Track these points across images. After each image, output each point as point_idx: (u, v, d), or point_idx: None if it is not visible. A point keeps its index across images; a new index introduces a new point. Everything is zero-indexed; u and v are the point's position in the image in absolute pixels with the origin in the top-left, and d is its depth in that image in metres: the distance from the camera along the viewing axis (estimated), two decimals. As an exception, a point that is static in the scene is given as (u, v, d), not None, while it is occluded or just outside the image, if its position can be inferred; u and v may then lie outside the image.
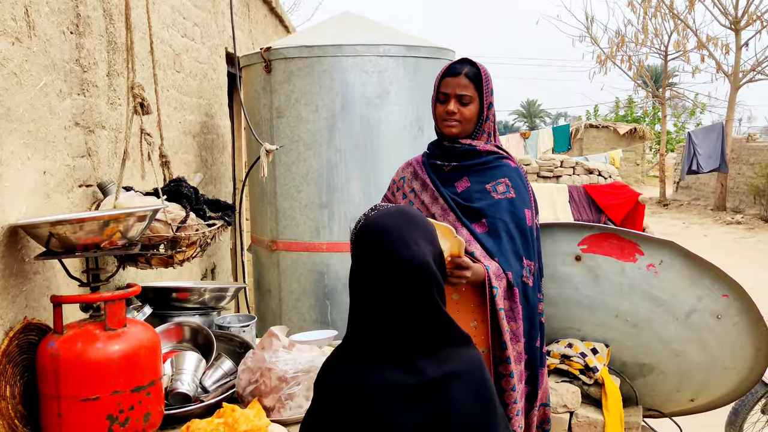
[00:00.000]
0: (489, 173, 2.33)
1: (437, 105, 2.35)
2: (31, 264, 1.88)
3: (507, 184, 2.31)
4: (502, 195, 2.29)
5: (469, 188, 2.33)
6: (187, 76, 3.55)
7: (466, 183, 2.34)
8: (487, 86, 2.33)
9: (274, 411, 2.03)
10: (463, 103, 2.30)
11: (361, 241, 1.39)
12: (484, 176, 2.33)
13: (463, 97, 2.30)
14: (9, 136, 1.78)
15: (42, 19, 1.99)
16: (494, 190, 2.30)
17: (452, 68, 2.32)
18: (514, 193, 2.29)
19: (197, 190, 2.43)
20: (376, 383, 1.31)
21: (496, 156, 2.36)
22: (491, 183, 2.31)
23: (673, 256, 2.73)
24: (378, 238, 1.36)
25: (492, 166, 2.34)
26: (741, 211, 16.20)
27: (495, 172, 2.33)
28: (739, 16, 16.54)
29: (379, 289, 1.36)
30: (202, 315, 2.57)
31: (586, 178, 9.46)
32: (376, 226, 1.38)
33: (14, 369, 1.75)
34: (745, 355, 2.87)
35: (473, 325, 2.26)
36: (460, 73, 2.30)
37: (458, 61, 2.35)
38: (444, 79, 2.33)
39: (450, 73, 2.32)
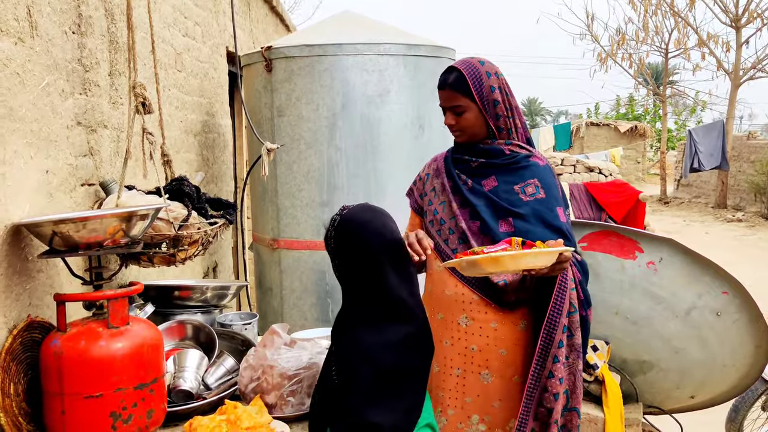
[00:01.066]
0: (518, 173, 2.24)
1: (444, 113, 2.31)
2: (35, 262, 1.90)
3: (537, 185, 2.22)
4: (531, 197, 2.20)
5: (496, 188, 2.24)
6: (189, 75, 3.56)
7: (493, 182, 2.25)
8: (478, 87, 2.23)
9: (276, 408, 2.04)
10: (457, 113, 2.24)
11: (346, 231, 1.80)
12: (513, 176, 2.24)
13: (455, 108, 2.24)
14: (12, 136, 1.79)
15: (44, 19, 2.00)
16: (523, 191, 2.21)
17: (440, 80, 2.27)
18: (544, 192, 2.21)
19: (199, 188, 2.44)
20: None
21: (524, 155, 2.27)
22: (520, 184, 2.22)
23: (673, 254, 2.74)
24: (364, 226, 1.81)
25: (521, 165, 2.25)
26: (742, 209, 16.21)
27: (524, 172, 2.24)
28: (739, 13, 16.54)
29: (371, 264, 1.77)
30: (204, 313, 2.58)
31: (587, 176, 9.47)
32: (355, 218, 1.83)
33: (18, 367, 1.76)
34: (745, 352, 2.87)
35: (493, 326, 2.24)
36: (444, 86, 2.25)
37: (445, 71, 2.27)
38: (439, 92, 2.28)
39: (439, 86, 2.27)
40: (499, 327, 2.23)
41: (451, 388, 2.30)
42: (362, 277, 1.75)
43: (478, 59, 2.29)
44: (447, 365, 2.31)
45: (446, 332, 2.31)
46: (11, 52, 1.80)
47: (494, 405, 2.25)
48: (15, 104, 1.81)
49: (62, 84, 2.11)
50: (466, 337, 2.26)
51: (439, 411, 2.32)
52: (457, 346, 2.28)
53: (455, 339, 2.29)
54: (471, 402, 2.26)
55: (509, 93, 2.29)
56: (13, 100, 1.80)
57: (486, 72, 2.25)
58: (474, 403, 2.26)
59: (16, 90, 1.82)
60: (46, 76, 2.00)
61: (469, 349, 2.25)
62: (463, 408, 2.27)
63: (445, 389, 2.30)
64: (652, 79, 21.07)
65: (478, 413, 2.26)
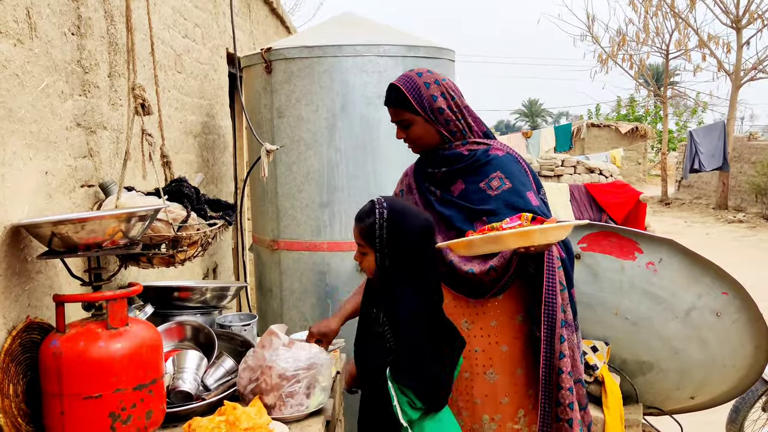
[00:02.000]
0: (481, 171, 2.30)
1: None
2: (34, 263, 1.90)
3: (500, 177, 2.27)
4: (498, 190, 2.26)
5: (464, 190, 2.30)
6: (188, 76, 3.57)
7: (461, 186, 2.32)
8: (419, 100, 2.29)
9: (275, 409, 2.04)
10: (404, 127, 2.34)
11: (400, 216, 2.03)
12: (477, 175, 2.30)
13: (401, 122, 2.34)
14: (11, 137, 1.79)
15: (43, 21, 2.00)
16: (489, 187, 2.27)
17: (385, 98, 2.38)
18: (509, 182, 2.26)
19: (198, 190, 2.44)
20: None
21: (483, 151, 2.32)
22: (485, 180, 2.28)
23: (672, 254, 2.74)
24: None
25: (482, 162, 2.30)
26: (743, 210, 16.20)
27: (486, 168, 2.29)
28: (740, 14, 16.54)
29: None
30: (204, 314, 2.58)
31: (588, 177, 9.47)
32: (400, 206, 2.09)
33: (17, 367, 1.76)
34: (744, 352, 2.88)
35: (493, 324, 2.27)
36: (389, 103, 2.36)
37: (387, 89, 2.37)
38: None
39: (384, 103, 2.39)
40: (499, 324, 2.25)
41: (461, 392, 2.32)
42: (414, 257, 1.99)
43: (416, 71, 2.37)
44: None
45: None
46: (10, 54, 1.80)
47: (502, 401, 2.28)
48: (14, 105, 1.81)
49: (62, 85, 2.11)
50: (469, 340, 2.28)
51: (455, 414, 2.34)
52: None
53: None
54: (480, 403, 2.29)
55: (455, 95, 2.35)
56: (12, 101, 1.80)
57: (425, 83, 2.31)
58: (483, 403, 2.29)
59: (16, 91, 1.82)
60: (46, 77, 2.00)
61: (473, 352, 2.27)
62: (474, 410, 2.29)
63: (455, 393, 2.32)
64: (652, 80, 21.07)
65: (488, 413, 2.29)
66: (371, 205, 2.03)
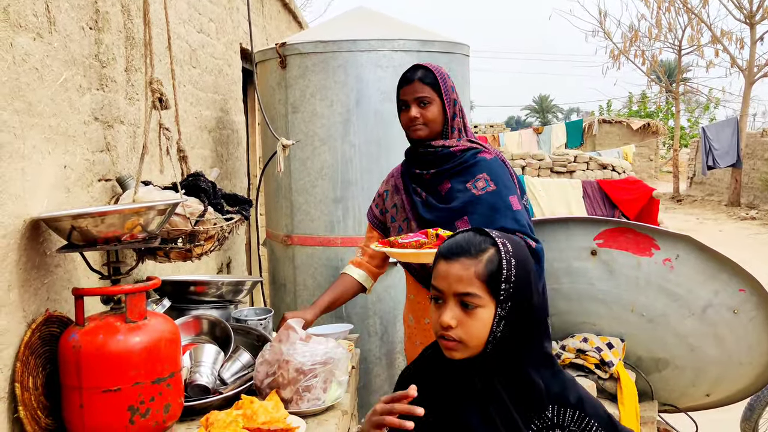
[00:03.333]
0: (468, 171, 2.39)
1: (401, 114, 2.45)
2: (53, 257, 1.91)
3: (486, 179, 2.36)
4: (483, 191, 2.34)
5: (450, 189, 2.39)
6: (203, 71, 3.57)
7: (447, 185, 2.40)
8: (444, 84, 2.40)
9: (292, 403, 2.04)
10: (423, 104, 2.39)
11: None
12: (464, 176, 2.38)
13: (423, 99, 2.39)
14: (31, 131, 1.80)
15: (62, 15, 2.01)
16: (474, 187, 2.36)
17: (405, 76, 2.43)
18: (494, 184, 2.34)
19: (215, 184, 2.44)
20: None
21: (472, 152, 2.41)
22: (471, 181, 2.37)
23: (690, 251, 2.73)
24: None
25: (470, 164, 2.39)
26: (755, 207, 16.09)
27: (473, 169, 2.38)
28: (753, 10, 16.40)
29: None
30: (220, 308, 2.58)
31: (600, 173, 9.42)
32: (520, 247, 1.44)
33: (36, 360, 1.77)
34: (761, 350, 2.86)
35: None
36: (413, 79, 2.40)
37: (410, 68, 2.45)
38: (401, 89, 2.43)
39: (404, 81, 2.43)
40: None
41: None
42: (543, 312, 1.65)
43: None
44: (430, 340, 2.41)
45: (426, 312, 2.48)
46: (30, 48, 1.81)
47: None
48: (34, 99, 1.82)
49: (80, 79, 2.12)
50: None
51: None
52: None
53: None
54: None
55: (458, 97, 2.50)
56: (32, 95, 1.81)
57: (447, 74, 2.47)
58: None
59: (35, 85, 1.83)
60: (64, 71, 2.01)
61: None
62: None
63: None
64: (665, 76, 20.95)
65: None
66: (480, 238, 1.39)
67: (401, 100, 2.44)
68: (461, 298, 1.35)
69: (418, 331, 2.59)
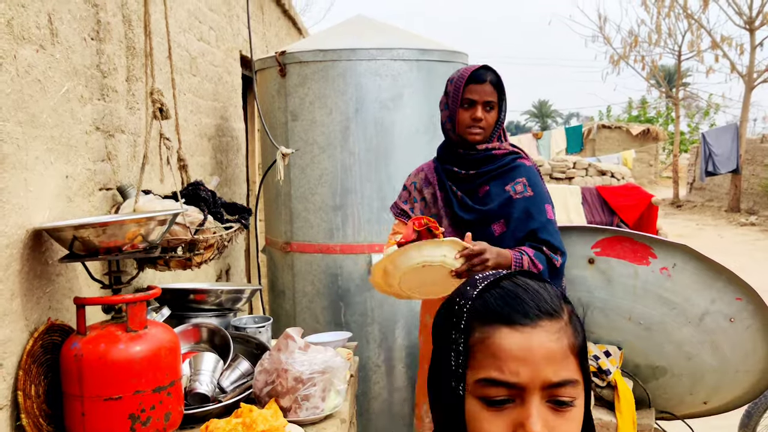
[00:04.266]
0: (508, 175, 2.40)
1: (460, 111, 2.38)
2: (55, 266, 1.93)
3: (525, 183, 2.38)
4: (520, 195, 2.36)
5: (488, 191, 2.39)
6: (203, 79, 3.60)
7: (485, 188, 2.41)
8: (504, 93, 2.42)
9: (290, 411, 2.06)
10: (488, 109, 2.38)
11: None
12: (504, 178, 2.39)
13: (490, 103, 2.38)
14: (33, 142, 1.82)
15: (64, 27, 2.03)
16: (513, 190, 2.37)
17: (478, 75, 2.37)
18: (532, 190, 2.36)
19: (215, 193, 2.46)
20: None
21: (512, 157, 2.43)
22: (510, 184, 2.38)
23: (687, 260, 2.74)
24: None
25: (509, 167, 2.41)
26: (755, 213, 16.10)
27: (513, 173, 2.40)
28: (753, 15, 16.44)
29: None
30: (219, 316, 2.60)
31: (599, 179, 9.44)
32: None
33: (39, 369, 1.79)
34: (757, 357, 2.87)
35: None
36: (485, 80, 2.37)
37: (481, 67, 2.41)
38: (469, 86, 2.37)
39: (476, 80, 2.37)
40: None
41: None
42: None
43: None
44: None
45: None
46: (33, 60, 1.83)
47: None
48: (36, 110, 1.84)
49: (81, 90, 2.14)
50: None
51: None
52: None
53: None
54: None
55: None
56: (34, 106, 1.83)
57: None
58: None
59: (38, 97, 1.85)
60: (66, 82, 2.03)
61: None
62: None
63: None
64: (664, 81, 20.98)
65: None
66: (557, 298, 0.90)
67: (465, 98, 2.37)
68: (552, 392, 0.82)
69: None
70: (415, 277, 2.19)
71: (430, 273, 2.16)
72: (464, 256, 2.13)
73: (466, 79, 2.37)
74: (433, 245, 2.12)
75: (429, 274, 2.16)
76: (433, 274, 2.17)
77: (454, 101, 2.39)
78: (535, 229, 2.29)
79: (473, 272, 2.13)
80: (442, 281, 2.18)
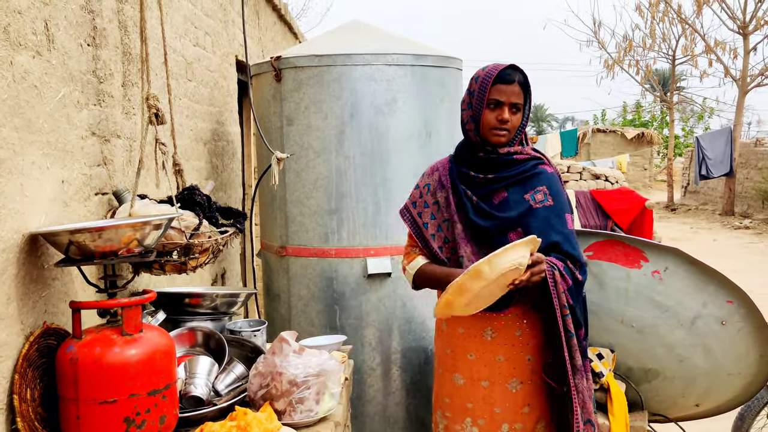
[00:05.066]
0: (528, 182, 2.30)
1: (486, 111, 2.26)
2: (50, 270, 1.94)
3: (545, 192, 2.28)
4: (540, 204, 2.26)
5: (506, 198, 2.29)
6: (199, 84, 3.61)
7: (503, 194, 2.30)
8: (531, 93, 2.31)
9: (285, 414, 2.07)
10: (515, 110, 2.27)
11: None
12: (524, 186, 2.29)
13: (517, 104, 2.27)
14: (30, 147, 1.83)
15: (61, 33, 2.05)
16: (533, 198, 2.27)
17: (505, 75, 2.25)
18: (552, 200, 2.27)
19: (210, 197, 2.48)
20: None
21: (533, 162, 2.33)
22: (530, 192, 2.28)
23: (678, 263, 2.77)
24: None
25: (530, 174, 2.30)
26: (749, 216, 16.16)
27: (534, 180, 2.30)
28: (747, 20, 16.53)
29: None
30: (214, 320, 2.62)
31: (593, 183, 9.49)
32: None
33: (34, 372, 1.80)
34: (749, 360, 2.89)
35: (518, 334, 2.31)
36: (513, 80, 2.25)
37: (508, 66, 2.28)
38: (496, 86, 2.25)
39: (503, 80, 2.25)
40: (524, 334, 2.28)
41: (479, 400, 2.34)
42: None
43: None
44: (474, 377, 2.35)
45: (470, 345, 2.35)
46: (29, 66, 1.85)
47: (524, 411, 2.31)
48: (33, 116, 1.86)
49: (77, 95, 2.15)
50: (492, 349, 2.31)
51: (469, 421, 2.36)
52: (483, 359, 2.33)
53: (480, 352, 2.33)
54: (500, 412, 2.31)
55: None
56: (31, 112, 1.85)
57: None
58: (503, 412, 2.31)
59: (34, 102, 1.87)
60: (62, 88, 2.05)
61: (496, 360, 2.30)
62: (493, 418, 2.32)
63: (474, 401, 2.35)
64: (659, 85, 21.06)
65: (508, 422, 2.31)
66: None
67: (492, 99, 2.25)
68: None
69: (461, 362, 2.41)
70: (487, 290, 2.05)
71: (500, 284, 2.06)
72: (531, 263, 2.05)
73: (494, 78, 2.25)
74: (532, 244, 2.03)
75: (498, 285, 2.06)
76: (500, 286, 2.07)
77: (479, 101, 2.27)
78: (557, 242, 2.20)
79: (530, 283, 2.07)
80: (497, 294, 2.09)
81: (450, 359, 2.43)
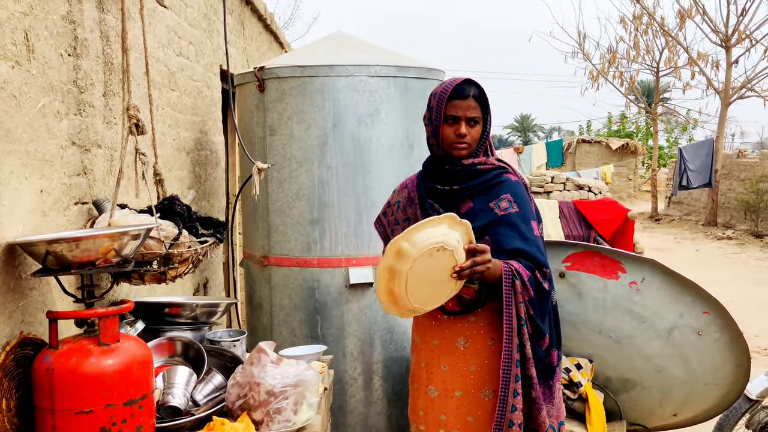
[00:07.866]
0: (492, 191, 2.34)
1: (444, 126, 2.33)
2: (28, 280, 1.94)
3: (509, 200, 2.32)
4: (505, 211, 2.30)
5: (472, 208, 2.33)
6: (182, 93, 3.62)
7: (469, 204, 2.34)
8: (488, 105, 2.36)
9: (262, 425, 2.08)
10: (471, 125, 2.32)
11: None
12: (489, 194, 2.33)
13: (474, 118, 2.32)
14: (8, 157, 1.84)
15: (41, 43, 2.05)
16: (497, 206, 2.31)
17: (460, 90, 2.31)
18: (518, 207, 2.31)
19: (190, 207, 2.49)
20: None
21: (497, 172, 2.37)
22: (494, 201, 2.32)
23: (655, 274, 2.80)
24: None
25: (494, 183, 2.35)
26: (732, 227, 16.33)
27: (497, 189, 2.34)
28: (729, 33, 16.74)
29: None
30: (194, 330, 2.62)
31: (577, 194, 9.56)
32: None
33: (10, 383, 1.79)
34: (725, 370, 2.93)
35: (491, 343, 2.31)
36: (468, 95, 2.31)
37: (463, 82, 2.34)
38: (452, 101, 2.31)
39: (458, 95, 2.31)
40: (496, 343, 2.30)
41: (452, 410, 2.35)
42: None
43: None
44: (447, 389, 2.36)
45: (444, 356, 2.37)
46: (8, 76, 1.85)
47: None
48: (11, 126, 1.86)
49: (57, 105, 2.16)
50: (465, 359, 2.32)
51: None
52: (456, 369, 2.34)
53: (454, 362, 2.35)
54: (473, 421, 2.32)
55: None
56: (9, 122, 1.85)
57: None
58: (476, 422, 2.32)
59: (13, 112, 1.87)
60: (42, 98, 2.05)
61: (469, 370, 2.31)
62: (466, 428, 2.33)
63: (447, 412, 2.36)
64: (643, 96, 21.26)
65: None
66: None
67: (449, 114, 2.31)
68: None
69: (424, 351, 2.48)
70: (421, 273, 2.07)
71: (435, 269, 2.07)
72: (470, 251, 2.08)
73: (449, 94, 2.31)
74: (452, 222, 2.06)
75: (434, 270, 2.07)
76: (437, 272, 2.08)
77: (437, 117, 2.34)
78: (522, 248, 2.23)
79: (474, 273, 2.08)
80: (442, 284, 2.10)
81: (425, 372, 2.45)
